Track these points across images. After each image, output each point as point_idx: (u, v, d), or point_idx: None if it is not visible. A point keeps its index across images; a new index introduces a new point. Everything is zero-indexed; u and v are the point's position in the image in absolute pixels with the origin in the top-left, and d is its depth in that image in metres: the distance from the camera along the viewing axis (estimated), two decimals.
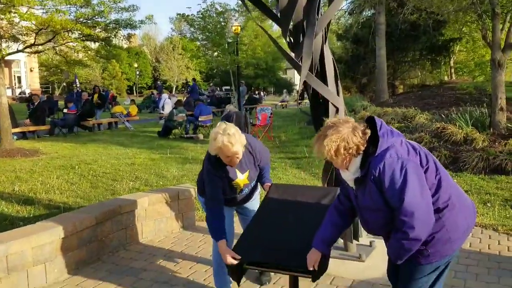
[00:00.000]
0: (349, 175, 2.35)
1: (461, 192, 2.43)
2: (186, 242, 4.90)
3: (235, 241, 3.14)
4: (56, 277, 3.93)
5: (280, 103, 31.03)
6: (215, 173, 3.21)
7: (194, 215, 5.49)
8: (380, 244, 4.44)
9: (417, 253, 2.29)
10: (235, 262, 2.86)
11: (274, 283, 3.81)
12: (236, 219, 3.74)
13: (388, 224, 2.29)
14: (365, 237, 4.65)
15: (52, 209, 5.99)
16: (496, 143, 8.47)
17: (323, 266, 2.73)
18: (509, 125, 9.15)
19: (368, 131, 2.29)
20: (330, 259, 4.08)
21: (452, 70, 26.61)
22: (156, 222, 5.06)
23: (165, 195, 5.14)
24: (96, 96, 18.84)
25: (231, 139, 3.04)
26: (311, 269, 2.65)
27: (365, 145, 2.26)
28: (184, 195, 5.31)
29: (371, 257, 4.20)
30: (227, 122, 3.22)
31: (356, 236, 4.29)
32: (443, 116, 10.58)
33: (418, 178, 2.16)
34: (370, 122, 2.34)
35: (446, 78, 25.74)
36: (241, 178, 3.34)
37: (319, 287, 3.72)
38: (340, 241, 4.39)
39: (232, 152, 3.08)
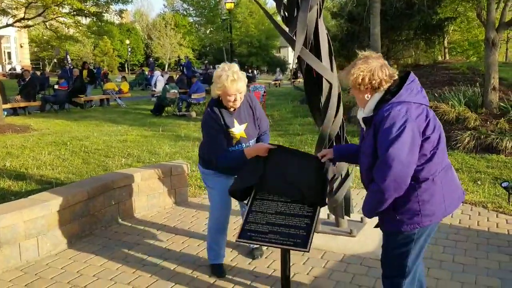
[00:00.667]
0: (362, 114, 2.45)
1: (452, 176, 2.46)
2: (179, 217, 4.92)
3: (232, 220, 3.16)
4: (49, 250, 3.94)
5: (273, 82, 30.87)
6: (215, 119, 3.25)
7: (186, 191, 5.50)
8: (370, 220, 4.49)
9: (389, 219, 2.39)
10: (272, 147, 3.09)
11: (266, 257, 3.85)
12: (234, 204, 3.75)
13: (370, 172, 2.36)
14: (356, 213, 4.69)
15: (44, 184, 5.97)
16: (488, 122, 8.52)
17: (323, 186, 2.99)
18: (501, 104, 9.19)
19: (396, 76, 2.38)
20: (322, 234, 4.15)
21: (446, 50, 26.53)
22: (148, 197, 5.06)
23: (157, 171, 5.13)
24: (85, 72, 18.57)
25: (235, 75, 3.14)
26: (319, 155, 2.91)
27: (388, 84, 2.35)
28: (177, 171, 5.31)
29: (362, 232, 4.24)
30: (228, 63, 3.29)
31: (347, 212, 4.32)
32: (436, 95, 10.58)
33: (412, 140, 2.21)
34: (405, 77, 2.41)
35: (440, 58, 25.67)
36: (239, 129, 3.34)
37: (310, 260, 3.76)
38: (332, 217, 4.44)
39: (235, 89, 3.15)
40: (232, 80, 3.12)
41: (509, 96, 9.75)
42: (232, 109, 3.31)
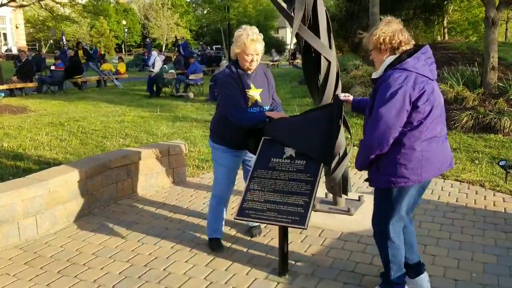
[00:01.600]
0: (374, 75, 2.69)
1: (435, 149, 2.59)
2: (177, 197, 4.93)
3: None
4: (48, 229, 3.95)
5: (271, 63, 30.63)
6: (234, 78, 3.36)
7: (185, 171, 5.50)
8: (368, 199, 4.51)
9: (373, 176, 2.69)
10: (286, 115, 3.40)
11: (264, 235, 3.87)
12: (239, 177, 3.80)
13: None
14: (353, 192, 4.71)
15: (42, 164, 5.96)
16: (486, 102, 8.50)
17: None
18: (500, 84, 9.16)
19: (412, 44, 2.61)
20: (320, 213, 4.17)
21: (445, 30, 26.33)
22: (147, 177, 5.06)
23: (155, 151, 5.12)
24: (80, 52, 18.37)
25: (255, 35, 3.28)
26: (342, 95, 3.15)
27: (406, 47, 2.57)
28: (175, 150, 5.30)
29: (359, 211, 4.26)
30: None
31: (345, 191, 4.33)
32: None
33: (401, 105, 2.44)
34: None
35: (439, 38, 25.49)
36: (255, 91, 3.44)
37: (308, 238, 3.79)
38: (330, 196, 4.45)
39: (254, 49, 3.28)
40: (251, 40, 3.25)
41: (508, 76, 9.71)
42: (249, 71, 3.41)
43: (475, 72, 10.00)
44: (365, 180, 2.82)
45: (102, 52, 31.42)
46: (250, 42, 3.25)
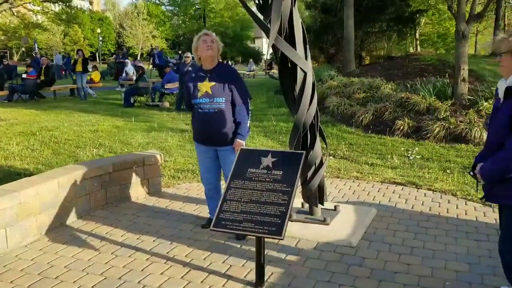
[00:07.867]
0: (504, 84, 2.58)
1: None
2: (152, 207, 4.87)
3: None
4: (18, 241, 3.84)
5: (247, 73, 30.77)
6: (190, 75, 4.07)
7: (160, 181, 5.44)
8: (344, 209, 4.55)
9: None
10: None
11: (240, 246, 3.84)
12: None
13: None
14: (329, 202, 4.74)
15: (12, 175, 5.80)
16: (457, 113, 8.70)
17: None
18: (469, 97, 9.41)
19: None
20: (296, 223, 4.17)
21: (418, 42, 26.99)
22: (121, 187, 4.99)
23: (130, 161, 5.06)
24: (79, 61, 16.46)
25: (206, 33, 3.94)
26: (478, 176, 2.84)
27: None
28: (150, 161, 5.24)
29: (336, 220, 4.28)
30: None
31: (321, 201, 4.36)
32: (407, 86, 10.76)
33: None
34: None
35: (411, 50, 26.10)
36: (206, 85, 3.91)
37: (284, 249, 3.78)
38: (306, 206, 4.47)
39: (204, 39, 3.86)
40: (202, 35, 3.93)
41: (477, 87, 9.99)
42: (207, 67, 3.92)
43: (446, 84, 10.25)
44: (487, 199, 2.76)
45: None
46: (208, 34, 3.92)
